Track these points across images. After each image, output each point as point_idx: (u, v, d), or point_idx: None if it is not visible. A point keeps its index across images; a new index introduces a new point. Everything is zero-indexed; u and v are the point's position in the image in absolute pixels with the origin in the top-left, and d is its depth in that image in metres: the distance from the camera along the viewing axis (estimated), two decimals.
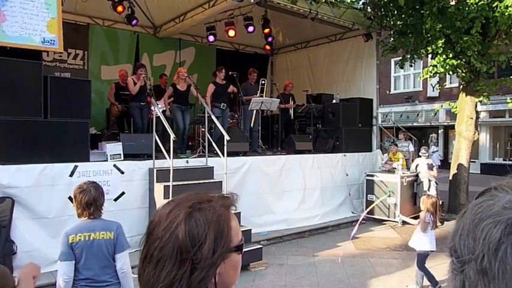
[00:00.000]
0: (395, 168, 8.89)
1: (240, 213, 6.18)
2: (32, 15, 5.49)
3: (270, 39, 10.88)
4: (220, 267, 0.82)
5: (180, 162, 6.58)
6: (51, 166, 5.31)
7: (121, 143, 6.24)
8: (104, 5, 8.66)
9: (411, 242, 5.13)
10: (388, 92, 22.15)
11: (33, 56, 5.86)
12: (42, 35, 5.56)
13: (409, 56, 9.82)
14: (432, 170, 8.55)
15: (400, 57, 10.16)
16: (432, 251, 4.95)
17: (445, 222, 8.68)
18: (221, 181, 6.45)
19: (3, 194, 4.96)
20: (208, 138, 6.89)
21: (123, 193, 5.86)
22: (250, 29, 9.58)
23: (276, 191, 7.68)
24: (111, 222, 2.72)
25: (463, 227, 0.54)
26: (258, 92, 8.92)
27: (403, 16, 9.19)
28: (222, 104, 8.27)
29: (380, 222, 8.59)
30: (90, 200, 2.61)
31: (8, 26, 5.30)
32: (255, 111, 8.45)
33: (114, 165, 5.87)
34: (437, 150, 18.16)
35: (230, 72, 8.36)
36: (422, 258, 4.97)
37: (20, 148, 5.25)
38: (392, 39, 10.00)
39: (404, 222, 8.27)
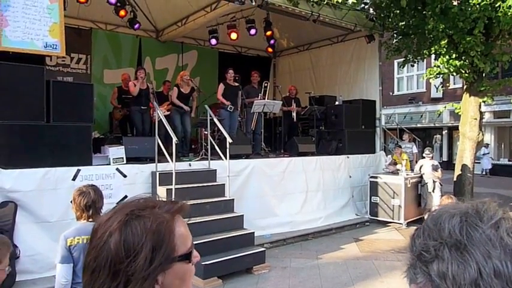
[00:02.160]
0: (399, 170, 8.84)
1: (243, 215, 6.18)
2: (34, 20, 5.50)
3: (272, 41, 10.89)
4: (162, 277, 0.77)
5: (183, 165, 6.56)
6: (54, 170, 5.31)
7: (123, 146, 6.23)
8: (107, 10, 8.69)
9: None
10: (391, 93, 22.09)
11: (36, 61, 5.87)
12: (45, 40, 5.57)
13: (411, 57, 9.77)
14: (437, 171, 8.49)
15: (403, 59, 10.13)
16: None
17: None
18: (224, 184, 6.43)
19: (6, 198, 4.95)
20: (210, 141, 6.87)
21: (125, 197, 5.84)
22: (252, 31, 9.59)
23: (278, 193, 7.64)
24: None
25: (425, 227, 0.67)
26: (261, 94, 8.90)
27: (405, 17, 9.15)
28: (229, 106, 8.21)
29: (384, 224, 8.52)
30: (89, 203, 2.62)
31: (11, 31, 5.31)
32: (256, 114, 8.43)
33: (117, 169, 5.86)
34: (488, 153, 17.98)
35: (233, 75, 8.37)
36: None
37: (22, 152, 5.24)
38: (395, 40, 9.96)
39: (409, 224, 8.22)
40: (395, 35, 9.97)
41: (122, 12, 8.59)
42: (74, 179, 5.42)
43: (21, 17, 5.39)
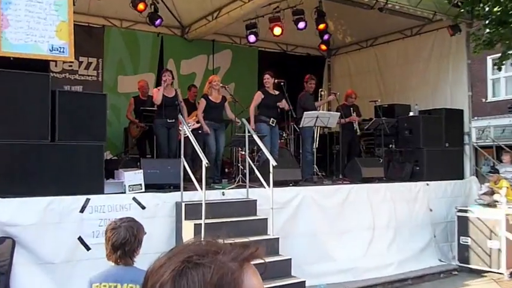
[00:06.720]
0: (497, 201, 8.51)
1: (290, 259, 6.14)
2: (39, 18, 5.80)
3: (326, 36, 10.94)
4: None
5: (215, 195, 6.64)
6: (59, 200, 5.50)
7: (142, 170, 6.39)
8: (122, 3, 9.02)
9: None
10: (484, 100, 21.41)
11: (39, 67, 6.16)
12: (51, 42, 5.85)
13: (510, 53, 9.48)
14: None
15: (499, 54, 9.85)
16: None
17: None
18: (266, 218, 6.43)
19: (2, 234, 5.17)
20: (249, 164, 6.92)
21: (144, 234, 5.96)
22: (301, 25, 9.67)
23: (336, 231, 7.57)
24: (143, 271, 2.78)
25: None
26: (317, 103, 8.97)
27: (501, 1, 8.92)
28: (272, 119, 8.26)
29: (479, 273, 8.18)
30: (117, 243, 2.68)
31: (12, 33, 5.63)
32: (316, 129, 8.43)
33: (134, 199, 6.00)
34: None
35: (276, 80, 8.43)
36: None
37: (22, 178, 5.49)
38: (487, 31, 9.72)
39: None
40: (487, 24, 9.73)
41: (141, 6, 8.86)
42: (82, 211, 5.60)
43: (24, 15, 5.71)
